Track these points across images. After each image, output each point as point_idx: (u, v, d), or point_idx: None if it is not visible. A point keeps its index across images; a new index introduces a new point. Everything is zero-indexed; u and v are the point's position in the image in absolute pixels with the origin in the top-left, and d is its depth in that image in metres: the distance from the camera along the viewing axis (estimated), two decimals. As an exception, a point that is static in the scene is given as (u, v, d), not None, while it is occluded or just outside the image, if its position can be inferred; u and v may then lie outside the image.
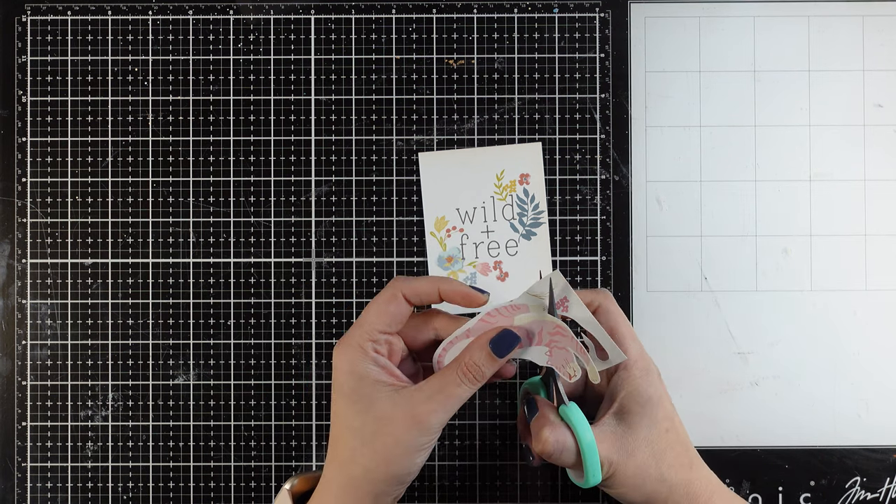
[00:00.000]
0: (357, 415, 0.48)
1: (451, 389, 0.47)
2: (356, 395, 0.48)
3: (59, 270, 0.62)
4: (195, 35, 0.62)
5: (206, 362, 0.61)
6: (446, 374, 0.48)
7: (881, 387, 0.61)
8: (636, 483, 0.50)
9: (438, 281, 0.50)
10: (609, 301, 0.53)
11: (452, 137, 0.62)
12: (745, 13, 0.63)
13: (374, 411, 0.47)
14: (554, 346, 0.49)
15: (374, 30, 0.62)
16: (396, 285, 0.49)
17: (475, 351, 0.48)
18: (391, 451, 0.47)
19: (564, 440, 0.49)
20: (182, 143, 0.62)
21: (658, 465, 0.50)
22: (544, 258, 0.62)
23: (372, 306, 0.49)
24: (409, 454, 0.47)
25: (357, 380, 0.48)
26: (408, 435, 0.47)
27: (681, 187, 0.62)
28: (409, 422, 0.47)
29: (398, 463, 0.47)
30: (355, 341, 0.49)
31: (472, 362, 0.48)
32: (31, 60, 0.62)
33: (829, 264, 0.62)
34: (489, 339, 0.48)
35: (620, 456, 0.50)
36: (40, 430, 0.61)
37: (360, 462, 0.48)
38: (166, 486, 0.61)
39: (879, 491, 0.61)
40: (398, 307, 0.49)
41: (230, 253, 0.62)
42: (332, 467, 0.49)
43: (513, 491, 0.61)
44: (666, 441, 0.50)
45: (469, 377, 0.48)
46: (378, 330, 0.49)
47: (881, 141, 0.62)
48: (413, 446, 0.47)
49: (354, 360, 0.48)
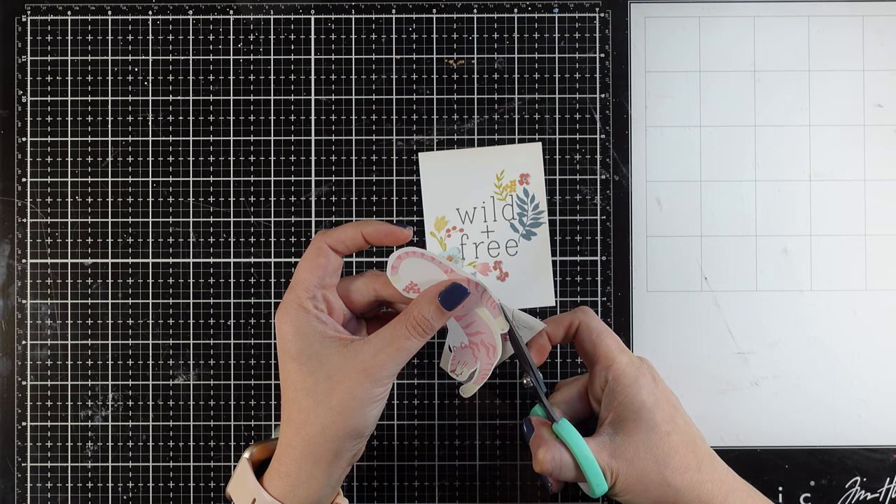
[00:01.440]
0: (308, 375, 0.47)
1: (401, 342, 0.48)
2: (304, 355, 0.47)
3: (59, 270, 0.62)
4: (195, 35, 0.62)
5: (206, 362, 0.61)
6: (396, 328, 0.48)
7: (881, 387, 0.61)
8: (641, 490, 0.50)
9: (360, 224, 0.50)
10: (588, 317, 0.53)
11: (452, 137, 0.62)
12: (745, 13, 0.63)
13: (325, 369, 0.47)
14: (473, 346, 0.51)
15: (374, 30, 0.62)
16: (320, 238, 0.49)
17: (424, 304, 0.48)
18: (346, 406, 0.47)
19: (560, 457, 0.50)
20: (182, 143, 0.62)
21: (661, 469, 0.50)
22: (544, 258, 0.62)
23: (301, 264, 0.49)
24: (363, 406, 0.47)
25: (303, 339, 0.48)
26: (361, 388, 0.47)
27: (681, 187, 0.62)
28: (361, 375, 0.47)
29: (354, 417, 0.47)
30: (294, 302, 0.48)
31: (422, 315, 0.48)
32: (31, 60, 0.62)
33: (829, 264, 0.62)
34: (438, 291, 0.48)
35: (621, 464, 0.50)
36: (40, 430, 0.61)
37: (316, 421, 0.47)
38: (166, 486, 0.61)
39: (879, 491, 0.61)
40: (326, 259, 0.49)
41: (230, 253, 0.62)
42: (289, 431, 0.49)
43: (513, 491, 0.61)
44: (668, 444, 0.50)
45: (419, 330, 0.48)
46: (313, 285, 0.48)
47: (881, 141, 0.62)
48: (367, 398, 0.47)
49: (297, 321, 0.48)
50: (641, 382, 0.51)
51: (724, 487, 0.51)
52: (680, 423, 0.51)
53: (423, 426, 0.61)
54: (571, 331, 0.54)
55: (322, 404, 0.47)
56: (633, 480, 0.50)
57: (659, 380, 0.52)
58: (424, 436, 0.61)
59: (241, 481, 0.50)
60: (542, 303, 0.61)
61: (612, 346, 0.52)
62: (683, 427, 0.51)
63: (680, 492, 0.50)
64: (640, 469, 0.50)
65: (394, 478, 0.61)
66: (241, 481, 0.50)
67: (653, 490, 0.50)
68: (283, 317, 0.49)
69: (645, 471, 0.50)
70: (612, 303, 0.62)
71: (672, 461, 0.50)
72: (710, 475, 0.51)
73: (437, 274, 0.50)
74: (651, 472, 0.50)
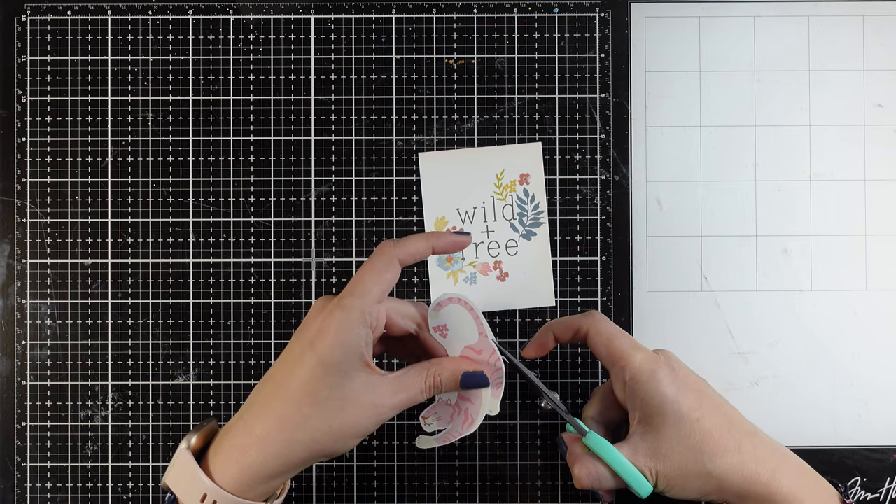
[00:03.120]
0: (326, 387, 0.46)
1: (414, 395, 0.49)
2: (336, 367, 0.46)
3: (59, 270, 0.62)
4: (195, 35, 0.62)
5: (206, 362, 0.61)
6: (414, 380, 0.49)
7: (881, 387, 0.61)
8: (684, 482, 0.50)
9: (431, 238, 0.50)
10: (596, 321, 0.53)
11: (452, 137, 0.62)
12: (745, 13, 0.63)
13: (344, 390, 0.47)
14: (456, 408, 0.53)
15: (374, 30, 0.62)
16: (390, 251, 0.48)
17: (447, 373, 0.50)
18: (345, 431, 0.47)
19: (596, 470, 0.51)
20: (182, 143, 0.62)
21: (698, 458, 0.49)
22: (544, 258, 0.62)
23: (367, 273, 0.48)
24: (357, 437, 0.48)
25: (344, 352, 0.46)
26: (367, 421, 0.47)
27: (681, 187, 0.62)
28: (370, 410, 0.47)
29: (344, 442, 0.48)
30: (357, 311, 0.47)
31: (440, 380, 0.50)
32: (31, 60, 0.62)
33: (829, 264, 0.62)
34: (465, 370, 0.50)
35: (657, 461, 0.50)
36: (40, 430, 0.61)
37: (309, 431, 0.47)
38: (166, 486, 0.61)
39: (879, 491, 0.61)
40: (393, 274, 0.48)
41: (230, 253, 0.62)
42: (270, 423, 0.47)
43: (513, 491, 0.61)
44: (700, 431, 0.50)
45: (432, 391, 0.50)
46: (375, 300, 0.47)
47: (881, 141, 0.62)
48: (364, 431, 0.48)
49: (348, 331, 0.46)
50: (660, 376, 0.51)
51: (770, 464, 0.50)
52: (708, 407, 0.50)
53: (423, 426, 0.61)
54: (580, 335, 0.54)
55: (324, 418, 0.47)
56: (674, 475, 0.50)
57: (680, 368, 0.52)
58: (424, 436, 0.61)
59: (184, 473, 0.48)
60: (542, 303, 0.61)
61: (625, 345, 0.52)
62: (713, 411, 0.51)
63: (722, 477, 0.49)
64: (677, 462, 0.50)
65: (394, 478, 0.61)
66: (184, 473, 0.48)
67: (695, 480, 0.50)
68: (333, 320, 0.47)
69: (683, 462, 0.50)
70: (612, 303, 0.62)
71: (707, 447, 0.49)
72: (752, 454, 0.50)
73: (471, 330, 0.51)
74: (689, 463, 0.50)
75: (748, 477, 0.49)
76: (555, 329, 0.54)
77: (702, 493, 0.51)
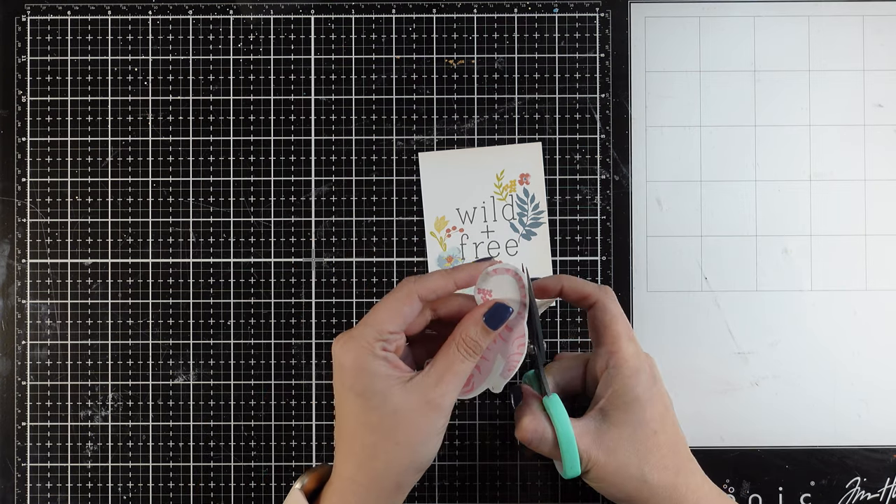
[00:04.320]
0: (372, 411, 0.48)
1: (457, 367, 0.48)
2: (369, 391, 0.48)
3: (59, 270, 0.62)
4: (195, 35, 0.62)
5: (206, 362, 0.61)
6: (448, 354, 0.49)
7: (881, 387, 0.61)
8: (616, 481, 0.50)
9: (452, 274, 0.50)
10: (608, 298, 0.53)
11: (452, 137, 0.62)
12: (745, 13, 0.63)
13: (390, 405, 0.47)
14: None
15: (374, 30, 0.62)
16: (411, 287, 0.49)
17: (470, 326, 0.49)
18: (413, 440, 0.48)
19: (543, 430, 0.51)
20: (182, 143, 0.62)
21: (640, 465, 0.50)
22: (544, 258, 0.62)
23: (384, 306, 0.49)
24: (429, 439, 0.48)
25: (369, 377, 0.48)
26: (427, 421, 0.48)
27: (681, 187, 0.62)
28: (426, 408, 0.47)
29: (420, 451, 0.48)
30: (365, 340, 0.48)
31: (469, 337, 0.49)
32: (31, 60, 0.62)
33: (829, 264, 0.62)
34: (482, 313, 0.49)
35: (600, 452, 0.50)
36: (40, 430, 0.61)
37: (382, 457, 0.48)
38: (166, 486, 0.61)
39: (879, 491, 0.61)
40: (412, 308, 0.49)
41: (230, 253, 0.62)
42: (349, 465, 0.49)
43: (513, 491, 0.61)
44: (653, 443, 0.50)
45: (469, 352, 0.49)
46: (388, 331, 0.48)
47: (881, 141, 0.62)
48: (432, 431, 0.48)
49: (362, 358, 0.48)
50: (641, 377, 0.51)
51: (699, 493, 0.51)
52: (668, 425, 0.51)
53: (423, 426, 0.61)
54: (586, 303, 0.53)
55: (388, 439, 0.47)
56: (610, 470, 0.50)
57: (658, 379, 0.52)
58: (424, 436, 0.61)
59: None
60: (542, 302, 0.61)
61: (622, 332, 0.52)
62: (671, 429, 0.52)
63: (654, 489, 0.50)
64: (619, 461, 0.50)
65: (394, 478, 0.61)
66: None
67: (628, 483, 0.50)
68: (348, 351, 0.48)
69: (625, 464, 0.50)
70: (612, 303, 0.62)
71: (653, 459, 0.50)
72: (686, 479, 0.51)
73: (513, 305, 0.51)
74: (630, 466, 0.50)
75: (676, 498, 0.51)
76: (565, 283, 0.53)
77: (627, 497, 0.51)
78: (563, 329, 0.61)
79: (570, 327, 0.61)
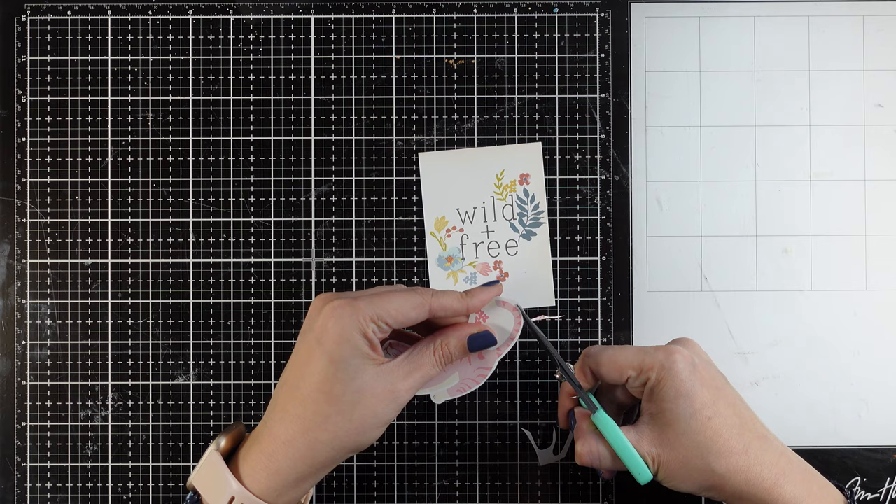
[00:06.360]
0: (338, 382, 0.47)
1: (427, 369, 0.50)
2: (343, 363, 0.47)
3: (59, 270, 0.62)
4: (195, 35, 0.62)
5: (206, 362, 0.61)
6: (423, 355, 0.50)
7: (881, 387, 0.61)
8: (685, 475, 0.50)
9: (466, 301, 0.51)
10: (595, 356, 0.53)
11: (452, 137, 0.62)
12: (745, 13, 0.63)
13: (357, 382, 0.47)
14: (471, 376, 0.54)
15: (374, 30, 0.62)
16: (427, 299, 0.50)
17: (452, 340, 0.51)
18: (366, 422, 0.48)
19: (597, 450, 0.51)
20: (182, 143, 0.62)
21: (704, 455, 0.49)
22: (544, 258, 0.62)
23: (395, 300, 0.49)
24: (380, 426, 0.49)
25: (350, 349, 0.47)
26: (385, 408, 0.48)
27: (681, 187, 0.62)
28: (388, 396, 0.48)
29: (368, 434, 0.48)
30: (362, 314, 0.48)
31: (448, 350, 0.51)
32: (31, 60, 0.62)
33: (829, 264, 0.62)
34: (469, 333, 0.51)
35: (662, 451, 0.50)
36: (40, 430, 0.61)
37: (331, 429, 0.47)
38: (166, 486, 0.61)
39: (879, 491, 0.61)
40: (418, 315, 0.49)
41: (230, 253, 0.62)
42: (292, 427, 0.48)
43: (513, 491, 0.61)
44: (710, 429, 0.50)
45: (441, 361, 0.51)
46: (386, 321, 0.48)
47: (881, 141, 0.62)
48: (386, 419, 0.49)
49: (350, 329, 0.47)
50: (677, 369, 0.50)
51: (776, 470, 0.50)
52: (722, 406, 0.50)
53: (423, 426, 0.61)
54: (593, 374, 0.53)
55: (343, 415, 0.47)
56: (676, 466, 0.50)
57: (699, 364, 0.51)
58: (424, 436, 0.61)
59: (212, 475, 0.49)
60: (542, 303, 0.61)
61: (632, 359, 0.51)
62: (726, 410, 0.50)
63: (725, 477, 0.49)
64: (682, 455, 0.50)
65: (394, 478, 0.61)
66: (212, 475, 0.49)
67: (697, 475, 0.50)
68: (339, 317, 0.48)
69: (688, 457, 0.50)
70: (612, 303, 0.62)
71: (715, 446, 0.49)
72: (759, 457, 0.50)
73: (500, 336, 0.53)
74: (694, 458, 0.50)
75: (751, 480, 0.49)
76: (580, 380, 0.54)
77: (701, 488, 0.51)
78: (563, 329, 0.61)
79: (570, 327, 0.61)
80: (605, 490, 0.61)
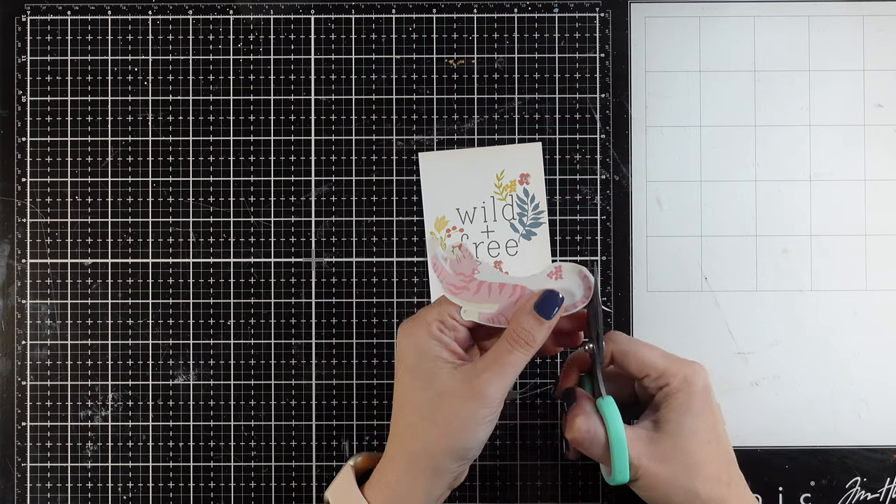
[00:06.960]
0: (418, 390, 0.48)
1: (504, 357, 0.48)
2: (417, 370, 0.48)
3: (58, 270, 0.62)
4: (195, 35, 0.62)
5: (206, 362, 0.61)
6: (499, 345, 0.49)
7: (881, 387, 0.61)
8: (666, 491, 0.50)
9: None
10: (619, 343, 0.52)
11: (452, 137, 0.62)
12: (745, 13, 0.63)
13: (435, 386, 0.48)
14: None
15: (374, 30, 0.62)
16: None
17: (521, 317, 0.49)
18: (451, 425, 0.48)
19: (596, 431, 0.50)
20: (182, 143, 0.62)
21: (692, 477, 0.49)
22: (544, 258, 0.62)
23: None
24: (469, 427, 0.48)
25: (419, 354, 0.48)
26: (467, 408, 0.47)
27: (681, 187, 0.62)
28: (468, 394, 0.47)
29: (458, 437, 0.48)
30: (424, 319, 0.49)
31: (521, 328, 0.49)
32: (31, 60, 0.62)
33: (829, 264, 0.62)
34: (533, 303, 0.49)
35: (651, 460, 0.50)
36: (40, 430, 0.61)
37: (421, 437, 0.48)
38: (166, 486, 0.61)
39: (879, 491, 0.61)
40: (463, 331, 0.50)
41: (230, 253, 0.62)
42: (394, 443, 0.50)
43: (513, 491, 0.61)
44: (706, 454, 0.50)
45: (520, 342, 0.48)
46: (450, 314, 0.49)
47: (881, 141, 0.62)
48: (473, 419, 0.48)
49: (418, 336, 0.49)
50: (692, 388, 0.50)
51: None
52: (720, 434, 0.51)
53: (423, 426, 0.61)
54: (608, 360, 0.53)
55: (427, 420, 0.48)
56: (661, 480, 0.50)
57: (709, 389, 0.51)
58: (424, 436, 0.61)
59: (343, 488, 0.51)
60: (542, 303, 0.61)
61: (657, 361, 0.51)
62: (723, 440, 0.51)
63: (706, 502, 0.50)
64: (671, 471, 0.50)
65: (394, 478, 0.61)
66: (343, 488, 0.51)
67: (679, 494, 0.50)
68: (407, 328, 0.49)
69: (676, 474, 0.50)
70: (612, 303, 0.62)
71: (705, 470, 0.50)
72: (737, 493, 0.50)
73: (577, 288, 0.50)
74: (681, 477, 0.49)
75: None
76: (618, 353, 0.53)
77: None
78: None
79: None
80: (605, 490, 0.61)
